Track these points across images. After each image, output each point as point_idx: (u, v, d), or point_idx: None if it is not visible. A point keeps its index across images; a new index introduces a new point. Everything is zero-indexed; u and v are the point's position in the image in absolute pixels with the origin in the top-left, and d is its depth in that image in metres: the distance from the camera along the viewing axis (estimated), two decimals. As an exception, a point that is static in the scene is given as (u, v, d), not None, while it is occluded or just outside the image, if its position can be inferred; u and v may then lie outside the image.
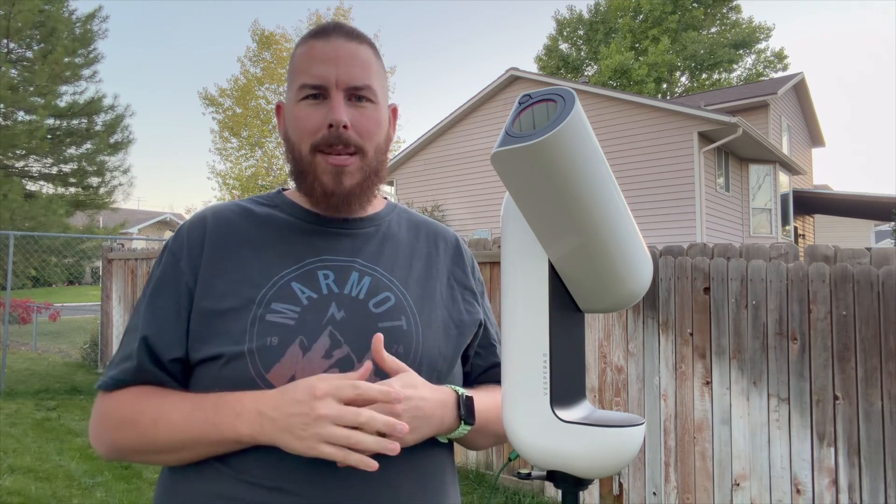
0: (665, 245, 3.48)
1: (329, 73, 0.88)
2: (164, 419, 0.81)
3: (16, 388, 7.10)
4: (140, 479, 4.28)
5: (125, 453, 0.85)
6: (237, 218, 0.94)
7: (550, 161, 0.57)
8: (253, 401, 0.77)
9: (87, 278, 24.37)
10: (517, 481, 4.03)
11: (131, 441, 0.83)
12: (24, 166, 16.39)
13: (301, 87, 0.89)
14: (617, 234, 0.65)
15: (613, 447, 0.68)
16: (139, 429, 0.82)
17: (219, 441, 0.79)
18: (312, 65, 0.89)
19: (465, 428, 0.87)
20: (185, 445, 0.80)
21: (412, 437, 0.80)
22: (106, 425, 0.86)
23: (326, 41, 0.90)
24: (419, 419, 0.80)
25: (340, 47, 0.90)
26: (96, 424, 0.87)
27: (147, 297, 0.90)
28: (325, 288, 0.88)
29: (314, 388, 0.74)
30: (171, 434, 0.80)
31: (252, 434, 0.76)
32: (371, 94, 0.90)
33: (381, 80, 0.94)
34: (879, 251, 2.86)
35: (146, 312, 0.89)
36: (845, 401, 2.86)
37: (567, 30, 32.66)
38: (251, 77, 19.90)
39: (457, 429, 0.86)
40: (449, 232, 1.08)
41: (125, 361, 0.87)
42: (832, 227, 20.91)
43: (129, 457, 0.86)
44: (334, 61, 0.88)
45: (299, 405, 0.74)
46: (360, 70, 0.89)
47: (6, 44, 15.25)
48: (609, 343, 3.63)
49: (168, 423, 0.81)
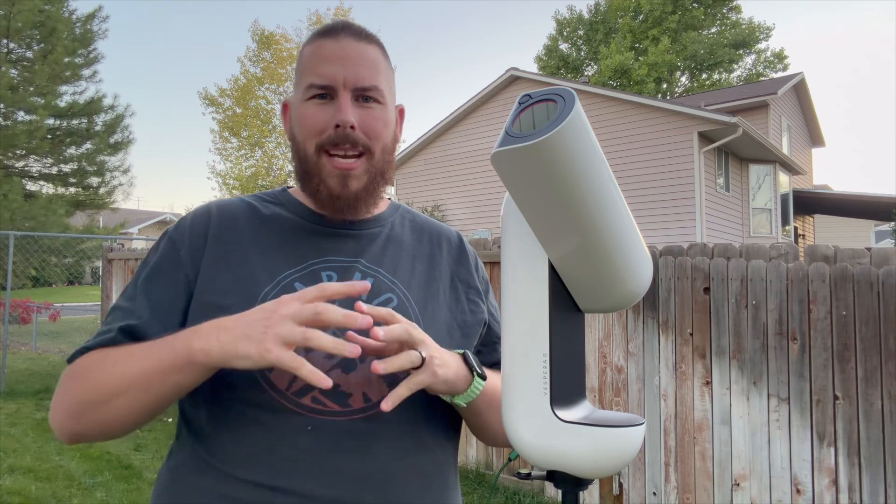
0: (665, 245, 3.48)
1: (337, 73, 0.87)
2: (125, 354, 0.78)
3: (16, 388, 7.10)
4: (140, 479, 4.28)
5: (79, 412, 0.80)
6: (242, 214, 0.93)
7: (550, 161, 0.57)
8: (215, 320, 0.75)
9: (87, 278, 24.36)
10: (517, 481, 4.03)
11: (84, 391, 0.79)
12: (24, 166, 16.39)
13: (308, 86, 0.88)
14: (617, 234, 0.65)
15: (613, 447, 0.68)
16: (97, 374, 0.78)
17: (172, 364, 0.74)
18: (320, 64, 0.88)
19: (479, 381, 0.85)
20: (139, 377, 0.75)
21: (442, 373, 0.79)
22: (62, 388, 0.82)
23: (335, 40, 0.89)
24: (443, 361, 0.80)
25: (349, 47, 0.89)
26: (55, 397, 0.83)
27: (140, 283, 0.88)
28: None
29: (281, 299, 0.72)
30: (127, 367, 0.76)
31: (205, 348, 0.71)
32: (378, 95, 0.90)
33: (388, 80, 0.93)
34: (879, 251, 2.86)
35: (138, 297, 0.86)
36: (845, 401, 2.86)
37: (567, 30, 32.66)
38: (251, 77, 19.89)
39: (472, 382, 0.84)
40: (452, 231, 1.07)
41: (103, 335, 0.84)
42: (832, 227, 20.91)
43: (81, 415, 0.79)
44: (342, 61, 0.88)
45: (262, 311, 0.72)
46: (367, 70, 0.89)
47: (6, 44, 15.24)
48: (609, 343, 3.63)
49: (127, 358, 0.77)
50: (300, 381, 0.80)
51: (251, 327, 0.71)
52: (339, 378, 0.82)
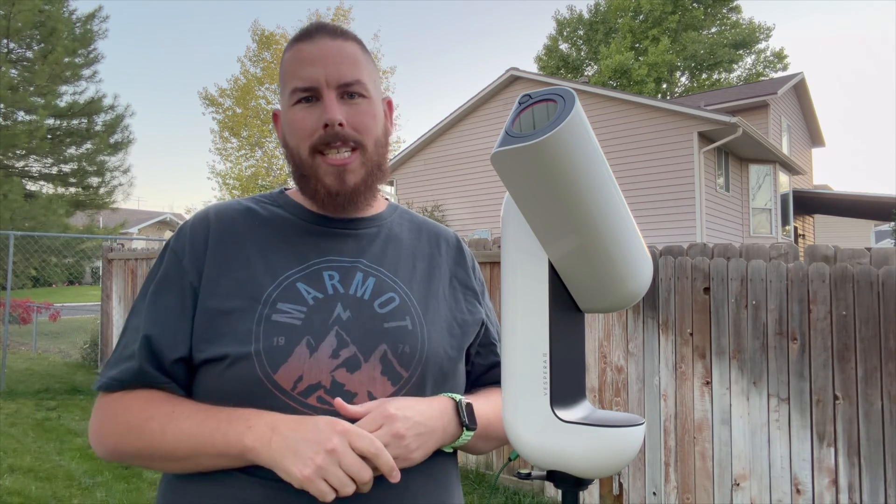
0: (665, 245, 3.48)
1: (318, 74, 0.88)
2: (173, 426, 0.80)
3: (16, 388, 7.10)
4: (140, 479, 4.27)
5: (126, 457, 0.85)
6: (241, 217, 0.93)
7: (550, 161, 0.57)
8: (271, 417, 0.77)
9: (87, 278, 24.36)
10: (517, 481, 4.03)
11: (135, 447, 0.82)
12: (24, 166, 16.38)
13: (293, 91, 0.89)
14: (617, 234, 0.65)
15: (613, 447, 0.68)
16: (145, 435, 0.81)
17: (223, 451, 0.78)
18: (301, 68, 0.89)
19: (468, 434, 0.87)
20: (190, 454, 0.79)
21: (420, 454, 0.80)
22: (109, 429, 0.85)
23: (312, 42, 0.90)
24: (424, 435, 0.80)
25: (326, 46, 0.90)
26: (99, 426, 0.86)
27: (149, 297, 0.89)
28: (331, 288, 0.88)
29: (336, 423, 0.75)
30: (178, 442, 0.79)
31: (256, 447, 0.75)
32: (362, 89, 0.90)
33: (371, 73, 0.93)
34: (879, 251, 2.86)
35: (148, 312, 0.87)
36: (845, 401, 2.86)
37: (567, 30, 32.65)
38: (251, 77, 19.90)
39: (460, 436, 0.86)
40: (450, 232, 1.08)
41: (126, 361, 0.85)
42: (832, 227, 20.92)
43: (130, 461, 0.86)
44: (322, 61, 0.88)
45: (317, 431, 0.74)
46: (348, 67, 0.89)
47: (6, 44, 15.24)
48: (609, 343, 3.63)
49: (176, 431, 0.80)
50: (306, 381, 0.81)
51: (302, 447, 0.73)
52: (345, 377, 0.83)
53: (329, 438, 0.73)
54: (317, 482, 0.72)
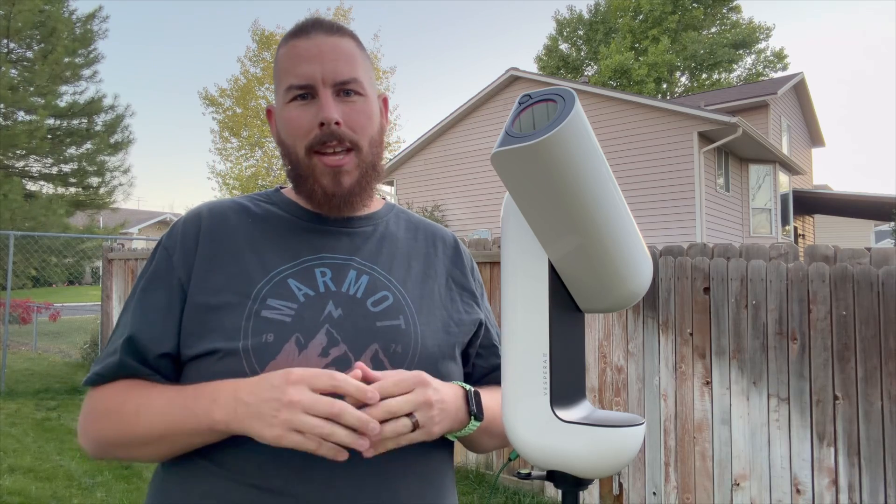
0: (665, 245, 3.48)
1: (314, 71, 0.87)
2: (146, 407, 0.80)
3: (16, 388, 7.10)
4: (140, 479, 4.27)
5: (108, 447, 0.84)
6: (234, 214, 0.93)
7: (550, 161, 0.57)
8: (232, 386, 0.76)
9: (87, 278, 24.35)
10: (517, 481, 4.03)
11: (113, 432, 0.82)
12: (24, 166, 16.38)
13: (288, 88, 0.88)
14: (617, 234, 0.65)
15: (613, 447, 0.68)
16: (121, 418, 0.81)
17: (195, 429, 0.77)
18: (297, 65, 0.88)
19: (475, 424, 0.85)
20: (164, 435, 0.79)
21: (439, 429, 0.79)
22: (90, 418, 0.85)
23: (308, 39, 0.89)
24: (445, 412, 0.79)
25: (322, 43, 0.89)
26: (83, 420, 0.87)
27: (137, 293, 0.89)
28: (323, 286, 0.87)
29: (289, 373, 0.72)
30: (152, 423, 0.79)
31: (225, 420, 0.74)
32: (359, 87, 0.89)
33: (367, 71, 0.93)
34: (879, 251, 2.86)
35: (136, 308, 0.87)
36: (845, 401, 2.86)
37: (567, 30, 32.66)
38: (251, 77, 19.88)
39: (467, 425, 0.85)
40: (447, 233, 1.07)
41: (110, 357, 0.86)
42: (832, 227, 20.91)
43: (113, 451, 0.85)
44: (318, 58, 0.87)
45: (273, 389, 0.72)
46: (344, 64, 0.88)
47: (6, 44, 15.24)
48: (609, 343, 3.63)
49: (150, 412, 0.79)
50: None
51: (263, 407, 0.72)
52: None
53: (284, 391, 0.71)
54: (289, 436, 0.70)
